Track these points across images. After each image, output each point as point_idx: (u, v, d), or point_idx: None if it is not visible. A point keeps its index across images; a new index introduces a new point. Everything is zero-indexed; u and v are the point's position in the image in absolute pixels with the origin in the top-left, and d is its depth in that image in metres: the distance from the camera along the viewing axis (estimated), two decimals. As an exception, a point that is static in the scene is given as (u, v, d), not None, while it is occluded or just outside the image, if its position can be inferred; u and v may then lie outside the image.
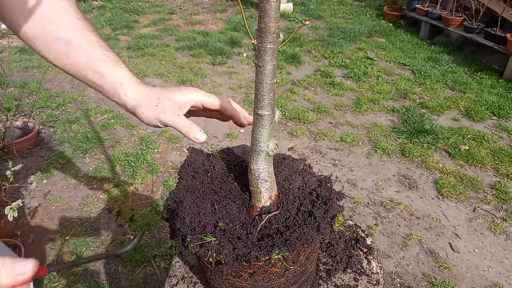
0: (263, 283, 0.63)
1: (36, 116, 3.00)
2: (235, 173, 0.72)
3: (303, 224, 0.59)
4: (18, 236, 1.99)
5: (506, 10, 3.62)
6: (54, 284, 1.74)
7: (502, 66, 3.68)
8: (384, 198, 2.25)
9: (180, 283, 0.80)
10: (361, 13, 5.61)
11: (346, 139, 2.75)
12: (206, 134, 0.64)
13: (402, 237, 1.99)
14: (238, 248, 0.56)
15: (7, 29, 4.75)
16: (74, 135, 2.79)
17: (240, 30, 4.72)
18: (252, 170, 0.61)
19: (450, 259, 1.88)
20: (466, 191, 2.28)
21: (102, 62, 0.67)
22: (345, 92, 3.44)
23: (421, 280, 1.77)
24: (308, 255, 0.63)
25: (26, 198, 2.21)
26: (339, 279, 0.77)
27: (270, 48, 0.50)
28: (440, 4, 4.53)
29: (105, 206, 2.19)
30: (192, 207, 0.63)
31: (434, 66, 3.89)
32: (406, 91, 3.42)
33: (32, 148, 2.64)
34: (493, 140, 2.73)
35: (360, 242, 0.85)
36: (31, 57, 4.07)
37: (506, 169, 2.44)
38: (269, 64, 0.51)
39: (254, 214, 0.64)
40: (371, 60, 4.06)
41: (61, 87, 3.49)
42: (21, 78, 3.62)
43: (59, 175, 2.42)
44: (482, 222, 2.08)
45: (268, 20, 0.47)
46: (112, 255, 0.67)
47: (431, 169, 2.46)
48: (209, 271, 0.66)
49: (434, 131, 2.78)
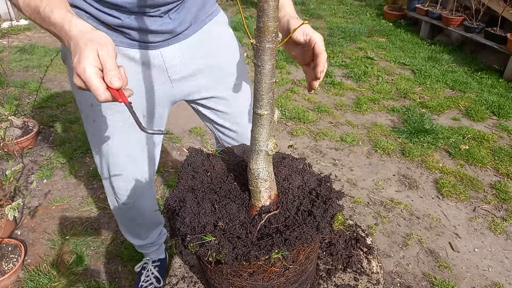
0: (263, 282, 0.63)
1: (36, 116, 3.00)
2: (235, 173, 0.72)
3: (302, 224, 0.59)
4: (18, 236, 1.99)
5: (506, 9, 3.62)
6: (54, 283, 1.74)
7: (502, 65, 3.68)
8: (384, 197, 2.25)
9: (180, 283, 0.80)
10: (361, 13, 5.61)
11: (346, 139, 2.75)
12: None
13: (402, 236, 1.99)
14: (237, 248, 0.56)
15: (7, 29, 4.75)
16: (74, 135, 2.79)
17: (240, 30, 4.72)
18: (251, 170, 0.61)
19: (450, 259, 1.88)
20: (466, 190, 2.28)
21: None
22: (345, 91, 3.44)
23: (421, 280, 1.77)
24: (308, 254, 0.63)
25: (26, 198, 2.21)
26: (339, 279, 0.77)
27: (269, 48, 0.50)
28: (440, 3, 4.53)
29: (106, 205, 2.19)
30: (192, 207, 0.63)
31: (434, 65, 3.89)
32: (406, 90, 3.42)
33: (32, 147, 2.64)
34: (493, 139, 2.73)
35: (360, 241, 0.85)
36: (31, 56, 4.07)
37: (506, 168, 2.44)
38: (268, 64, 0.51)
39: (253, 213, 0.64)
40: (371, 60, 4.06)
41: (61, 87, 3.49)
42: (21, 77, 3.62)
43: (59, 175, 2.42)
44: (482, 222, 2.08)
45: (266, 20, 0.47)
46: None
47: (431, 169, 2.46)
48: (209, 271, 0.66)
49: (434, 130, 2.78)
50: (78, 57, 0.68)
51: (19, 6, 0.80)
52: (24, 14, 0.80)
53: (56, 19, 0.74)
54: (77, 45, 0.70)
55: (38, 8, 0.76)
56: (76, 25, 0.72)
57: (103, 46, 0.69)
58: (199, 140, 2.78)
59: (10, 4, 4.94)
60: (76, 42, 0.70)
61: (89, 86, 0.67)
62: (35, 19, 0.79)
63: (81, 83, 0.69)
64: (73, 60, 0.69)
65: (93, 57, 0.67)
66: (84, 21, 0.75)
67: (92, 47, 0.68)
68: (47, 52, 4.19)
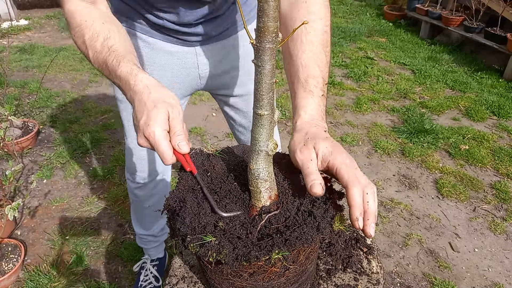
0: (263, 282, 0.63)
1: (36, 116, 3.00)
2: (235, 173, 0.72)
3: (303, 224, 0.59)
4: (18, 236, 1.99)
5: (506, 9, 3.62)
6: (54, 283, 1.74)
7: (502, 65, 3.68)
8: (384, 197, 2.25)
9: (180, 283, 0.80)
10: (361, 13, 5.61)
11: (346, 139, 2.75)
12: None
13: (402, 236, 1.99)
14: (238, 248, 0.56)
15: (8, 29, 4.75)
16: (74, 135, 2.79)
17: (240, 30, 4.72)
18: (251, 170, 0.61)
19: (450, 259, 1.88)
20: (466, 190, 2.28)
21: None
22: (345, 91, 3.44)
23: (421, 280, 1.77)
24: (308, 254, 0.63)
25: (26, 198, 2.21)
26: (339, 279, 0.77)
27: (269, 48, 0.50)
28: (440, 3, 4.53)
29: (106, 205, 2.19)
30: (192, 207, 0.63)
31: (434, 65, 3.89)
32: (406, 90, 3.42)
33: (32, 147, 2.64)
34: (493, 139, 2.73)
35: (360, 241, 0.85)
36: (31, 56, 4.07)
37: (506, 168, 2.44)
38: (268, 64, 0.51)
39: (254, 213, 0.64)
40: (371, 60, 4.06)
41: (61, 87, 3.49)
42: (21, 77, 3.62)
43: (59, 175, 2.42)
44: (482, 222, 2.08)
45: (266, 20, 0.47)
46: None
47: (431, 169, 2.46)
48: (209, 271, 0.66)
49: (434, 130, 2.78)
50: (146, 118, 0.65)
51: (89, 58, 0.80)
52: (93, 66, 0.80)
53: (122, 73, 0.72)
54: (143, 103, 0.67)
55: (106, 61, 0.75)
56: (141, 80, 0.70)
57: (173, 108, 0.67)
58: (199, 140, 2.78)
59: (10, 4, 4.94)
60: (141, 98, 0.68)
61: (157, 149, 0.64)
62: (103, 71, 0.78)
63: (147, 144, 0.66)
64: (139, 119, 0.66)
65: (162, 120, 0.65)
66: (149, 76, 0.72)
67: (163, 108, 0.66)
68: (47, 52, 4.19)
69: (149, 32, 1.05)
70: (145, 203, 1.47)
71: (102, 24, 0.79)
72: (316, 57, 0.77)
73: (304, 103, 0.73)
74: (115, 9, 1.03)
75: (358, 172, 0.59)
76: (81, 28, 0.79)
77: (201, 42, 1.08)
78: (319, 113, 0.73)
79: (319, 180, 0.58)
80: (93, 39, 0.78)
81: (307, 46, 0.77)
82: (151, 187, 1.41)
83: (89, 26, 0.79)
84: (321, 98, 0.75)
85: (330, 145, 0.63)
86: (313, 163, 0.62)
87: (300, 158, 0.63)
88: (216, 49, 1.11)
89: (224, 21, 1.07)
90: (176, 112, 0.67)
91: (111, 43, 0.77)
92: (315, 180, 0.58)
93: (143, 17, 1.02)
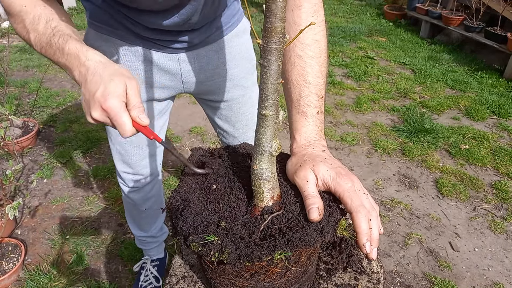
0: (264, 283, 0.63)
1: (37, 116, 3.00)
2: (237, 172, 0.72)
3: (306, 225, 0.59)
4: (18, 235, 1.99)
5: (507, 9, 3.62)
6: (55, 283, 1.74)
7: (503, 65, 3.68)
8: (384, 197, 2.25)
9: (181, 282, 0.80)
10: (361, 12, 5.61)
11: (346, 139, 2.75)
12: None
13: (402, 236, 1.99)
14: (240, 248, 0.56)
15: (7, 28, 4.74)
16: (74, 134, 2.78)
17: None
18: (255, 170, 0.61)
19: (450, 258, 1.88)
20: (466, 190, 2.28)
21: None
22: (345, 91, 3.44)
23: (421, 279, 1.77)
24: (309, 255, 0.63)
25: (26, 197, 2.21)
26: (339, 279, 0.77)
27: (276, 48, 0.49)
28: (440, 3, 4.53)
29: (106, 205, 2.19)
30: (194, 206, 0.63)
31: (434, 65, 3.89)
32: (406, 90, 3.42)
33: (32, 147, 2.64)
34: (493, 139, 2.73)
35: (361, 241, 0.85)
36: (31, 56, 4.07)
37: (507, 168, 2.44)
38: (274, 64, 0.51)
39: (256, 214, 0.64)
40: (371, 59, 4.06)
41: (61, 87, 3.48)
42: (21, 77, 3.61)
43: (60, 174, 2.42)
44: (482, 221, 2.08)
45: (274, 20, 0.47)
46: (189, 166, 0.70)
47: (431, 168, 2.46)
48: (210, 271, 0.66)
49: (434, 130, 2.78)
50: (103, 90, 0.64)
51: (30, 42, 0.79)
52: (35, 49, 0.79)
53: (70, 50, 0.72)
54: (98, 76, 0.67)
55: (50, 42, 0.75)
56: (94, 56, 0.70)
57: (131, 81, 0.67)
58: (200, 140, 2.78)
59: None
60: (96, 72, 0.68)
61: (116, 120, 0.64)
62: (45, 52, 0.77)
63: (103, 118, 0.66)
64: (93, 92, 0.65)
65: (121, 92, 0.65)
66: (100, 53, 0.73)
67: (121, 81, 0.66)
68: (47, 51, 4.19)
69: (129, 39, 1.01)
70: (142, 206, 1.44)
71: (43, 7, 0.77)
72: (306, 71, 0.73)
73: (298, 126, 0.73)
74: (90, 15, 0.99)
75: (361, 195, 0.60)
76: (21, 13, 0.77)
77: (186, 49, 1.05)
78: (314, 134, 0.72)
79: (316, 204, 0.58)
80: (34, 22, 0.76)
81: (296, 60, 0.74)
82: (147, 190, 1.38)
83: (29, 11, 0.77)
84: (316, 117, 0.73)
85: (331, 168, 0.62)
86: (310, 184, 0.62)
87: (297, 181, 0.64)
88: (200, 56, 1.08)
89: (208, 29, 1.04)
90: (133, 85, 0.67)
91: (55, 24, 0.76)
92: (313, 205, 0.59)
93: (122, 25, 0.98)
